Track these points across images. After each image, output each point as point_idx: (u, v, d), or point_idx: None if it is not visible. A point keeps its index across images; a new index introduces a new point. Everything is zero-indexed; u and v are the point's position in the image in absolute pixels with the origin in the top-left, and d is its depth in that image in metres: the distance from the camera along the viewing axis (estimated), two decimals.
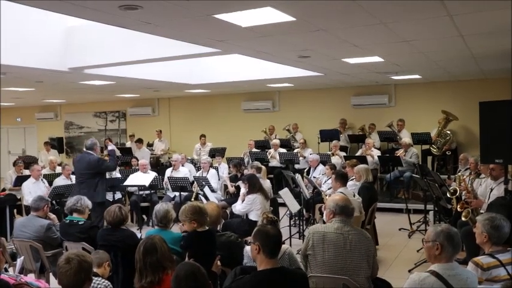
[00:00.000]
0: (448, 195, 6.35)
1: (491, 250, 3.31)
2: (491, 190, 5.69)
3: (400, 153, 9.60)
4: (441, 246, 2.80)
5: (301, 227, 7.25)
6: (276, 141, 11.04)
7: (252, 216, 6.02)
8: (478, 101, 5.22)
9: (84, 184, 6.47)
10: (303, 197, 7.16)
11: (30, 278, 3.94)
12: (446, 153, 9.83)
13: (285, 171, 8.53)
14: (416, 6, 4.13)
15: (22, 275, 3.48)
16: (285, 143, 11.50)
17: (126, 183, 8.37)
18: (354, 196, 5.91)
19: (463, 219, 5.39)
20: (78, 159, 6.87)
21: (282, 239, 3.10)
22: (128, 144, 13.15)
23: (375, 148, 10.24)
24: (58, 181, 8.21)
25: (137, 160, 9.89)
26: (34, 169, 8.05)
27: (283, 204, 6.74)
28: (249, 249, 3.59)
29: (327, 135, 11.00)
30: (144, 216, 8.74)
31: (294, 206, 6.47)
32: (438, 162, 10.47)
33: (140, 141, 12.25)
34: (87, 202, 4.86)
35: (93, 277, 3.02)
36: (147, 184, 8.23)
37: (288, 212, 7.14)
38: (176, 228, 4.39)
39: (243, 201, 6.14)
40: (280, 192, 6.47)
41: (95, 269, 3.35)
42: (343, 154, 10.12)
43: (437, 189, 6.60)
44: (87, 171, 6.54)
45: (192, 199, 7.60)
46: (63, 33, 6.96)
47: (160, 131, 13.29)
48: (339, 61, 7.29)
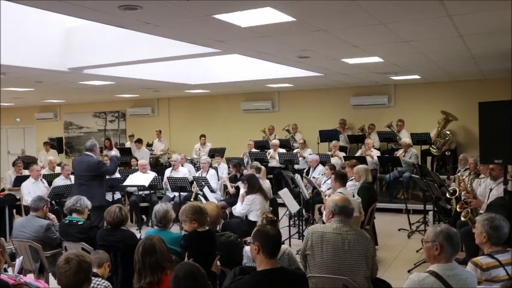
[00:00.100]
0: (447, 196, 6.35)
1: (491, 250, 3.31)
2: (491, 190, 5.68)
3: (399, 153, 9.61)
4: (440, 246, 2.80)
5: (301, 227, 7.26)
6: (275, 142, 11.04)
7: (251, 217, 6.02)
8: (477, 101, 5.23)
9: (84, 186, 6.44)
10: (303, 197, 7.16)
11: (30, 278, 3.95)
12: (446, 153, 9.83)
13: (284, 172, 8.52)
14: (415, 6, 4.13)
15: (21, 275, 3.48)
16: (285, 143, 11.50)
17: (125, 183, 8.36)
18: (353, 196, 5.91)
19: (462, 219, 5.39)
20: (78, 161, 6.85)
21: (281, 239, 3.10)
22: (128, 145, 13.14)
23: (375, 148, 10.23)
24: (57, 181, 8.20)
25: (137, 160, 9.88)
26: (33, 169, 8.04)
27: (283, 205, 6.74)
28: (248, 250, 3.59)
29: (327, 136, 10.99)
30: (143, 216, 8.73)
31: (293, 206, 6.47)
32: (438, 162, 10.47)
33: (140, 141, 12.23)
34: (86, 202, 4.86)
35: (93, 277, 3.01)
36: (146, 184, 8.21)
37: (287, 212, 7.14)
38: (176, 229, 4.39)
39: (243, 202, 6.14)
40: (280, 193, 6.46)
41: (95, 270, 3.34)
42: (342, 154, 10.12)
43: (437, 190, 6.60)
44: (86, 173, 6.52)
45: (191, 199, 7.59)
46: (62, 33, 6.97)
47: (159, 131, 13.28)
48: (339, 61, 7.29)
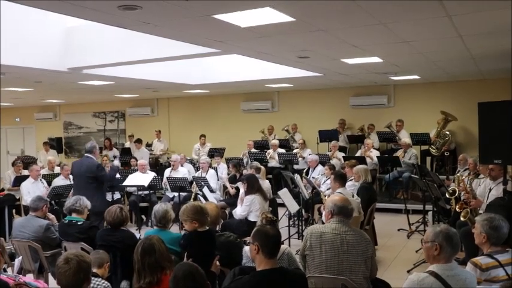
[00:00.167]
0: (447, 196, 6.35)
1: (490, 250, 3.31)
2: (490, 190, 5.68)
3: (399, 154, 9.61)
4: (440, 246, 2.80)
5: (300, 228, 7.26)
6: (275, 142, 11.04)
7: (250, 217, 6.01)
8: (477, 102, 5.23)
9: (83, 192, 6.36)
10: (302, 197, 7.15)
11: (29, 278, 3.94)
12: (445, 154, 9.83)
13: (284, 172, 8.52)
14: (415, 6, 4.14)
15: (21, 275, 3.48)
16: (284, 144, 11.50)
17: (125, 183, 8.35)
18: (353, 196, 5.91)
19: (461, 219, 5.40)
20: (77, 163, 6.81)
21: (281, 239, 3.10)
22: (127, 145, 13.14)
23: (374, 149, 10.22)
24: (57, 181, 8.19)
25: (136, 160, 9.88)
26: (33, 169, 8.03)
27: (282, 205, 6.74)
28: (248, 250, 3.59)
29: (326, 136, 10.98)
30: (143, 216, 8.73)
31: (293, 206, 6.47)
32: (437, 162, 10.47)
33: (139, 141, 12.22)
34: (86, 202, 4.86)
35: (93, 277, 3.01)
36: (146, 184, 8.21)
37: (287, 212, 7.14)
38: (175, 229, 4.39)
39: (242, 204, 6.13)
40: (279, 193, 6.46)
41: (96, 270, 3.34)
42: (342, 155, 10.11)
43: (436, 190, 6.60)
44: (86, 175, 6.49)
45: (191, 199, 7.58)
46: (62, 33, 6.97)
47: (159, 131, 13.28)
48: (338, 61, 7.29)
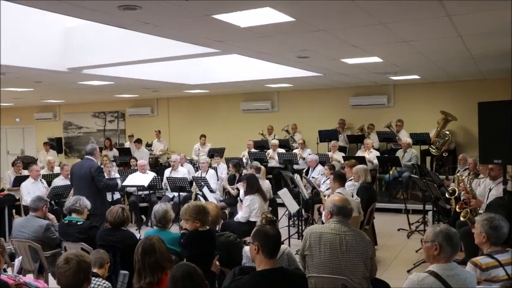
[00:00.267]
0: (446, 196, 6.36)
1: (490, 250, 3.31)
2: (490, 190, 5.68)
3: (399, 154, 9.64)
4: (440, 246, 2.80)
5: (300, 227, 7.26)
6: (274, 142, 11.04)
7: (250, 217, 6.01)
8: (476, 102, 5.23)
9: (83, 192, 6.31)
10: (302, 197, 7.16)
11: (29, 278, 3.94)
12: (443, 154, 9.83)
13: (284, 172, 8.52)
14: (415, 6, 4.14)
15: (21, 275, 3.48)
16: (284, 144, 11.50)
17: (124, 183, 8.34)
18: (353, 196, 5.91)
19: (461, 219, 5.40)
20: (78, 165, 6.78)
21: (281, 239, 3.10)
22: (127, 145, 13.13)
23: (374, 149, 10.22)
24: (57, 181, 8.19)
25: (136, 160, 9.87)
26: (33, 169, 8.03)
27: (282, 205, 6.74)
28: (248, 250, 3.59)
29: (326, 136, 10.98)
30: (143, 216, 8.73)
31: (292, 206, 6.47)
32: (437, 162, 10.47)
33: (139, 141, 12.22)
34: (86, 202, 4.86)
35: (93, 277, 3.01)
36: (146, 184, 8.21)
37: (286, 212, 7.15)
38: (175, 229, 4.39)
39: (242, 209, 6.13)
40: (279, 193, 6.46)
41: (96, 270, 3.34)
42: (342, 155, 10.09)
43: (436, 190, 6.60)
44: (86, 176, 6.47)
45: (192, 199, 7.59)
46: (62, 33, 6.97)
47: (159, 131, 13.27)
48: (338, 61, 7.29)
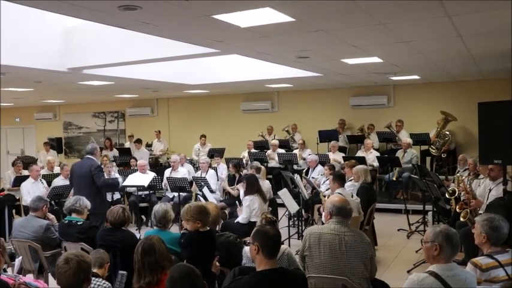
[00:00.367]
0: (446, 196, 6.35)
1: (490, 251, 3.31)
2: (490, 191, 5.68)
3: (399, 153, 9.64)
4: (440, 246, 2.80)
5: (300, 228, 7.25)
6: (274, 142, 11.04)
7: (251, 218, 6.01)
8: (476, 102, 5.22)
9: (83, 192, 6.31)
10: (302, 197, 7.15)
11: (29, 278, 3.94)
12: (442, 155, 9.83)
13: (283, 172, 8.52)
14: (415, 6, 4.14)
15: (21, 275, 3.48)
16: (284, 144, 11.50)
17: (125, 183, 8.34)
18: (352, 197, 5.91)
19: (461, 219, 5.40)
20: (78, 164, 6.77)
21: (281, 239, 3.10)
22: (127, 145, 13.13)
23: (374, 149, 10.23)
24: (57, 181, 8.19)
25: (136, 160, 9.87)
26: (33, 169, 8.03)
27: (282, 205, 6.74)
28: (248, 250, 3.59)
29: (326, 136, 10.98)
30: (142, 216, 8.73)
31: (292, 206, 6.47)
32: (437, 162, 10.47)
33: (139, 141, 12.22)
34: (86, 202, 4.86)
35: (93, 277, 3.01)
36: (146, 184, 8.21)
37: (286, 212, 7.14)
38: (175, 229, 4.38)
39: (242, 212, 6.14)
40: (279, 193, 6.46)
41: (96, 270, 3.34)
42: (342, 155, 10.09)
43: (436, 190, 6.60)
44: (86, 176, 6.47)
45: (192, 200, 7.59)
46: (62, 33, 6.97)
47: (159, 132, 13.28)
48: (338, 61, 7.29)
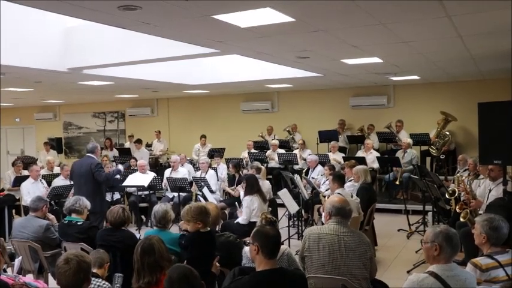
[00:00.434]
0: (446, 196, 6.35)
1: (490, 251, 3.31)
2: (490, 191, 5.67)
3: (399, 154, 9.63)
4: (440, 247, 2.80)
5: (300, 228, 7.25)
6: (274, 142, 11.04)
7: (251, 218, 6.01)
8: (476, 102, 5.22)
9: (83, 192, 6.32)
10: (302, 197, 7.15)
11: (29, 278, 3.94)
12: (440, 156, 9.82)
13: (283, 172, 8.52)
14: (415, 6, 4.14)
15: (21, 276, 3.48)
16: (284, 144, 11.50)
17: (125, 183, 8.35)
18: (352, 197, 5.91)
19: (461, 220, 5.40)
20: (78, 163, 6.78)
21: (281, 240, 3.10)
22: (127, 145, 13.14)
23: (374, 149, 10.22)
24: (57, 181, 8.19)
25: (136, 160, 9.86)
26: (33, 169, 8.03)
27: (282, 205, 6.74)
28: (247, 250, 3.59)
29: (326, 136, 10.97)
30: (142, 216, 8.73)
31: (292, 206, 6.47)
32: (437, 163, 10.46)
33: (139, 141, 12.22)
34: (85, 202, 4.85)
35: (93, 278, 3.01)
36: (146, 184, 8.21)
37: (286, 212, 7.14)
38: (175, 229, 4.38)
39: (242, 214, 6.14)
40: (279, 193, 6.46)
41: (95, 270, 3.34)
42: (342, 155, 10.09)
43: (436, 190, 6.60)
44: (87, 173, 6.48)
45: (192, 200, 7.58)
46: (62, 33, 6.96)
47: (159, 132, 13.28)
48: (338, 62, 7.29)
